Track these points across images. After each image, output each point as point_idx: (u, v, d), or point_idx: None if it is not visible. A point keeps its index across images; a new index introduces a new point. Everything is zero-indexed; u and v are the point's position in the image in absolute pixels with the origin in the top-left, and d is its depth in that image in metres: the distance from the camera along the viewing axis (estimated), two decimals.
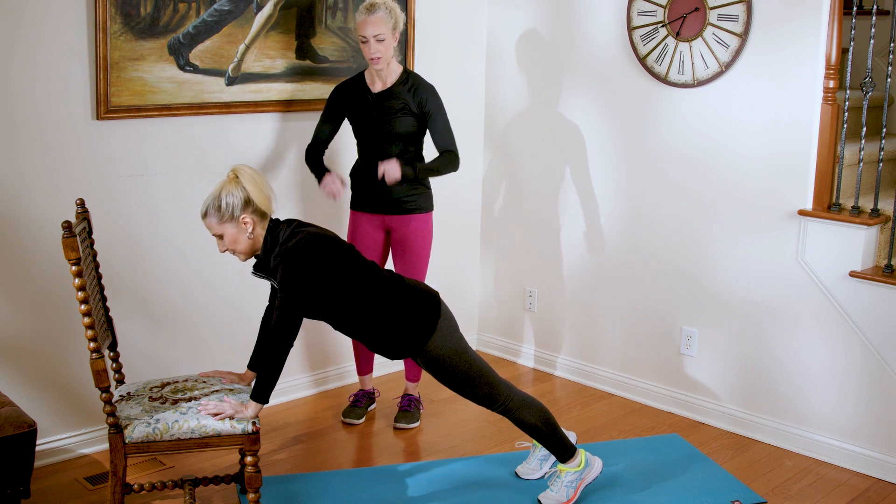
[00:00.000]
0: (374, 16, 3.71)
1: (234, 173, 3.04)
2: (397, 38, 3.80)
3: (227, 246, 3.07)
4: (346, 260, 3.10)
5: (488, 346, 5.19)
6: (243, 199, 3.00)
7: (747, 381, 4.12)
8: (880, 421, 3.73)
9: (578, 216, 4.65)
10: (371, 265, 3.20)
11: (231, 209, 2.99)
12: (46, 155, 3.52)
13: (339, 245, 3.10)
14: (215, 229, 3.04)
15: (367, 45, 3.75)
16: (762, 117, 3.93)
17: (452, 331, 3.23)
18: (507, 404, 3.28)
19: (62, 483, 3.53)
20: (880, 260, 3.81)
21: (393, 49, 3.79)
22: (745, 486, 3.61)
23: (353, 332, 3.19)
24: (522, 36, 4.78)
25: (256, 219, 3.04)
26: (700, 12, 4.03)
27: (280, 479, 3.60)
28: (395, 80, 3.87)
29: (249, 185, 3.01)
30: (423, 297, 3.21)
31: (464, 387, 3.25)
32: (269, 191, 3.08)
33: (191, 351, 4.03)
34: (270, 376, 2.99)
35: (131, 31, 3.61)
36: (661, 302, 4.38)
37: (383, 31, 3.72)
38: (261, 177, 3.07)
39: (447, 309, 3.25)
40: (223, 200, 2.99)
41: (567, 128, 4.64)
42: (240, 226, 3.02)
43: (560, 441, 3.35)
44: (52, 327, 3.63)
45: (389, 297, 3.15)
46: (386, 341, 3.20)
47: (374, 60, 3.76)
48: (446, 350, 3.19)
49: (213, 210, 3.01)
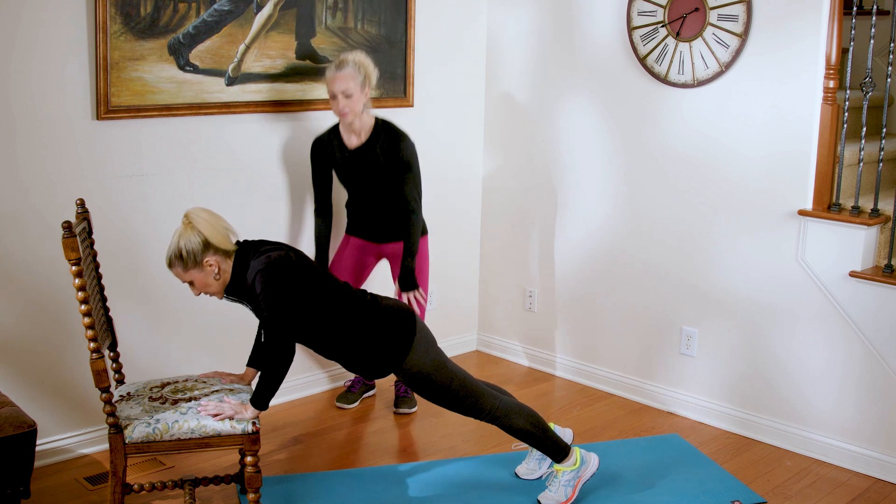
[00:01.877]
0: (342, 72, 3.79)
1: (187, 219, 3.02)
2: (367, 94, 3.87)
3: (199, 290, 3.07)
4: (316, 280, 3.10)
5: (488, 347, 5.19)
6: (202, 242, 2.98)
7: (747, 381, 4.12)
8: (880, 421, 3.73)
9: (578, 216, 4.65)
10: (343, 285, 3.20)
11: (193, 255, 2.98)
12: (46, 155, 3.52)
13: (308, 265, 3.10)
14: (183, 277, 3.04)
15: (336, 101, 3.82)
16: (762, 117, 3.93)
17: (430, 346, 3.22)
18: (494, 412, 3.28)
19: (62, 483, 3.53)
20: (880, 260, 3.81)
21: (363, 104, 3.85)
22: (745, 486, 3.61)
23: (329, 352, 3.19)
24: (522, 36, 4.78)
25: (220, 258, 3.03)
26: (700, 12, 4.03)
27: (280, 479, 3.60)
28: (369, 135, 3.92)
29: (204, 227, 2.99)
30: (397, 315, 3.20)
31: (448, 400, 3.25)
32: (225, 227, 3.05)
33: (191, 351, 4.03)
34: (270, 387, 2.99)
35: (131, 31, 3.61)
36: (661, 302, 4.38)
37: (351, 87, 3.78)
38: (214, 216, 3.05)
39: (423, 325, 3.25)
40: (183, 249, 2.98)
41: (567, 128, 4.64)
42: (205, 269, 3.01)
43: (552, 442, 3.35)
44: (52, 327, 3.63)
45: (363, 317, 3.15)
46: (362, 361, 3.19)
47: (343, 115, 3.83)
48: (425, 366, 3.19)
49: (176, 260, 3.00)
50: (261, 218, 4.18)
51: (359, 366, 3.22)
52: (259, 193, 4.17)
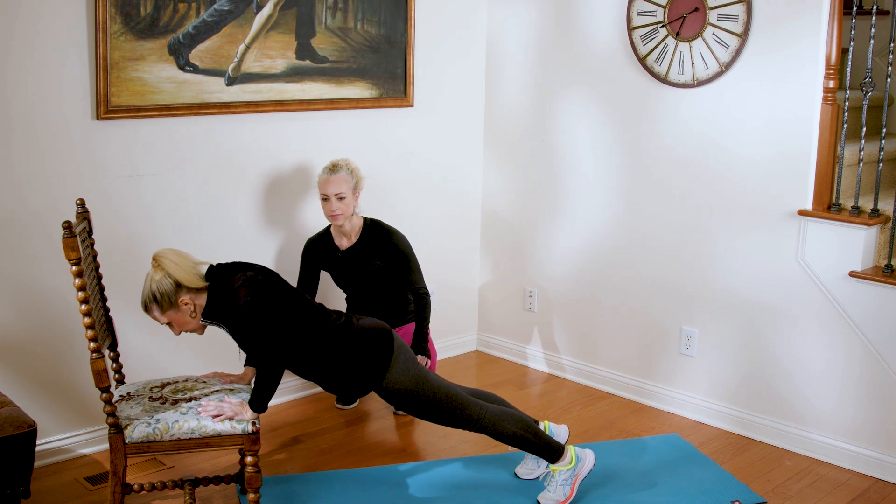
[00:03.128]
0: (336, 175, 3.92)
1: (155, 262, 3.03)
2: (357, 197, 3.99)
3: (179, 329, 3.09)
4: (289, 300, 3.10)
5: (488, 347, 5.19)
6: (173, 283, 2.99)
7: (747, 381, 4.12)
8: (880, 421, 3.73)
9: (578, 216, 4.65)
10: (318, 306, 3.20)
11: (167, 297, 2.99)
12: (46, 155, 3.51)
13: (280, 285, 3.11)
14: (161, 319, 3.05)
15: (329, 203, 3.93)
16: (762, 117, 3.93)
17: (409, 363, 3.22)
18: (483, 422, 3.28)
19: (62, 483, 3.53)
20: (880, 260, 3.81)
21: (353, 207, 3.97)
22: (745, 486, 3.61)
23: (306, 373, 3.20)
24: (522, 36, 4.78)
25: (194, 295, 3.04)
26: (700, 12, 4.03)
27: (280, 479, 3.60)
28: (359, 235, 4.03)
29: (172, 268, 3.00)
30: (374, 335, 3.20)
31: (434, 414, 3.25)
32: (192, 265, 3.06)
33: (191, 351, 4.02)
34: (266, 391, 3.01)
35: (131, 31, 3.61)
36: (661, 302, 4.38)
37: (344, 190, 3.91)
38: (181, 255, 3.06)
39: (401, 342, 3.25)
40: (157, 292, 2.99)
41: (567, 128, 4.64)
42: (181, 308, 3.03)
43: (545, 443, 3.36)
44: (52, 327, 3.62)
45: (339, 338, 3.16)
46: (340, 382, 3.21)
47: (335, 217, 3.94)
48: (406, 383, 3.19)
49: (151, 304, 3.02)
50: (260, 218, 4.18)
51: (337, 386, 3.25)
52: (259, 193, 4.17)
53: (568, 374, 4.82)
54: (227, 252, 3.94)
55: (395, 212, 4.56)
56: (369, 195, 4.45)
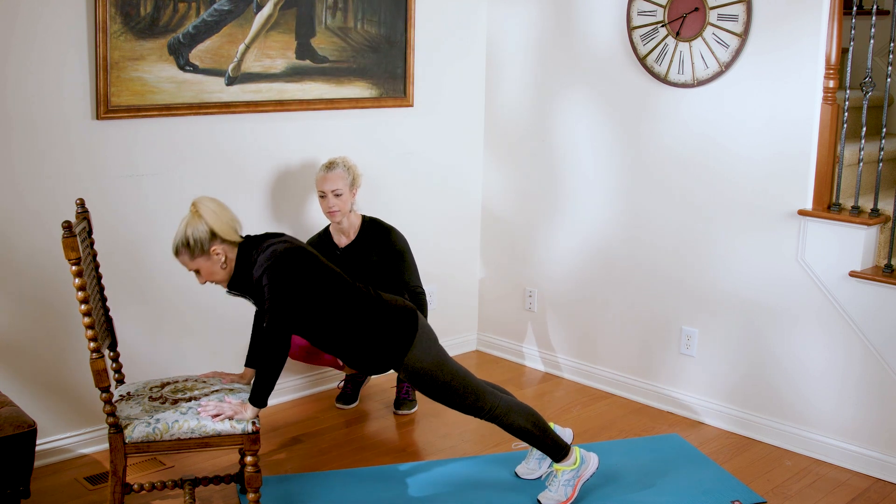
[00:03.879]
0: (333, 172, 3.95)
1: (194, 207, 3.03)
2: (355, 194, 4.01)
3: (205, 278, 3.09)
4: (321, 273, 3.11)
5: (488, 347, 5.19)
6: (208, 231, 3.00)
7: (747, 381, 4.11)
8: (880, 421, 3.73)
9: (578, 216, 4.65)
10: (347, 280, 3.20)
11: (200, 244, 3.00)
12: (46, 155, 3.51)
13: (312, 257, 3.11)
14: (190, 265, 3.05)
15: (326, 200, 3.95)
16: (762, 117, 3.93)
17: (432, 343, 3.24)
18: (494, 411, 3.28)
19: (62, 483, 3.53)
20: (880, 260, 3.81)
21: (350, 204, 3.98)
22: (745, 486, 3.61)
23: (331, 347, 3.20)
24: (522, 35, 4.78)
25: (227, 247, 3.05)
26: (700, 12, 4.03)
27: (280, 479, 3.60)
28: (358, 233, 4.05)
29: (210, 217, 3.01)
30: (399, 312, 3.22)
31: (449, 398, 3.25)
32: (231, 219, 3.07)
33: (191, 351, 4.03)
34: (267, 382, 3.00)
35: (131, 31, 3.61)
36: (661, 302, 4.38)
37: (340, 187, 3.93)
38: (221, 206, 3.07)
39: (425, 322, 3.27)
40: (190, 237, 3.00)
41: (567, 127, 4.64)
42: (212, 258, 3.03)
43: (552, 441, 3.36)
44: (52, 327, 3.62)
45: (366, 312, 3.16)
46: (364, 356, 3.21)
47: (332, 214, 3.96)
48: (426, 363, 3.20)
49: (182, 248, 3.02)
50: (260, 218, 4.18)
51: (359, 360, 3.23)
52: (259, 193, 4.17)
53: (568, 374, 4.82)
54: None
55: (394, 211, 4.56)
56: (370, 195, 4.45)
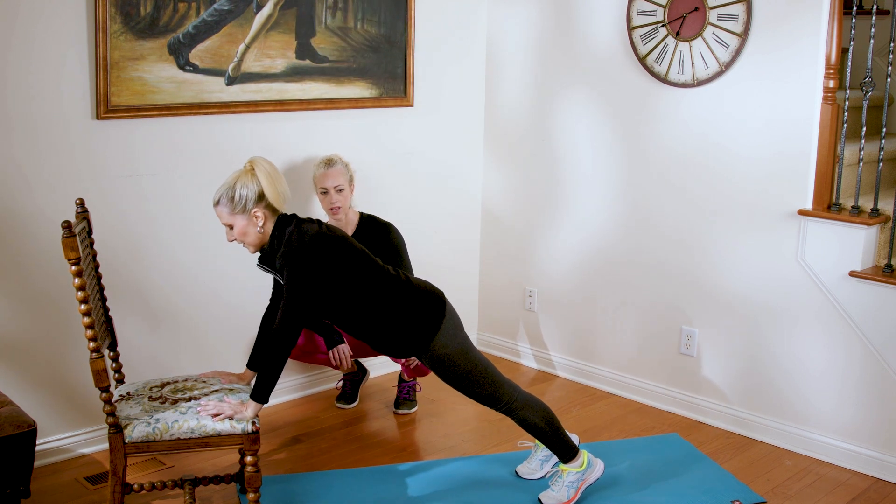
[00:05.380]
0: (333, 169, 3.99)
1: (250, 164, 3.02)
2: (352, 190, 4.07)
3: (235, 236, 3.06)
4: (350, 258, 3.09)
5: (488, 346, 5.19)
6: (257, 192, 2.98)
7: (747, 380, 4.11)
8: (880, 421, 3.73)
9: (578, 216, 4.65)
10: (377, 264, 3.20)
11: (244, 202, 2.98)
12: (46, 155, 3.51)
13: (343, 243, 3.09)
14: (225, 219, 3.03)
15: (328, 196, 3.99)
16: (762, 117, 3.93)
17: (457, 330, 3.23)
18: (511, 404, 3.28)
19: (62, 483, 3.53)
20: (880, 260, 3.81)
21: (350, 199, 4.03)
22: (745, 485, 3.61)
23: (358, 331, 3.19)
24: (522, 35, 4.78)
25: (268, 213, 3.03)
26: (700, 12, 4.03)
27: (280, 479, 3.60)
28: (356, 228, 4.08)
29: (264, 179, 2.99)
30: (428, 297, 3.22)
31: (468, 386, 3.25)
32: (283, 187, 3.05)
33: (191, 351, 4.03)
34: (271, 376, 2.99)
35: (131, 31, 3.61)
36: (661, 302, 4.38)
37: (341, 182, 3.99)
38: (277, 172, 3.05)
39: (452, 309, 3.26)
40: (237, 192, 2.98)
41: (567, 127, 4.64)
42: (251, 219, 3.01)
43: (563, 441, 3.36)
44: (51, 327, 3.62)
45: (395, 296, 3.16)
46: (391, 340, 3.20)
47: (335, 210, 3.99)
48: (451, 349, 3.19)
49: (225, 200, 3.00)
50: None
51: (386, 344, 3.22)
52: None
53: (567, 374, 4.82)
54: (228, 252, 3.93)
55: (394, 211, 4.56)
56: (370, 194, 4.46)
